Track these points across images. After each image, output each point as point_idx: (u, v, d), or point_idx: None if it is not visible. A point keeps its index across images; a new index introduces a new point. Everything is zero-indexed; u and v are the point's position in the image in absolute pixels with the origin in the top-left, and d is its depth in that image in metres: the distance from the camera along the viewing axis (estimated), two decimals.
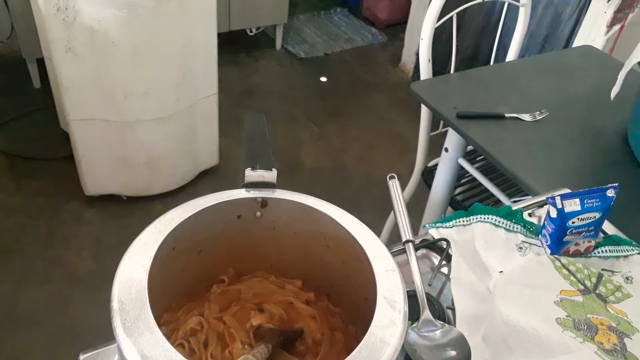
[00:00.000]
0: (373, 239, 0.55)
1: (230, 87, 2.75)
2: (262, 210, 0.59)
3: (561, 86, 1.41)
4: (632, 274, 0.73)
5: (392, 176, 0.77)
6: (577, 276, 0.70)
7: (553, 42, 2.22)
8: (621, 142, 1.21)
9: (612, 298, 0.68)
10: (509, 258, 0.75)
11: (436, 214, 1.54)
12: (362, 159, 2.50)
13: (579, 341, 0.58)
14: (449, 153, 1.42)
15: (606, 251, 0.78)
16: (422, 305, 0.65)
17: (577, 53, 1.67)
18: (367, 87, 3.02)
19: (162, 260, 0.51)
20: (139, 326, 0.43)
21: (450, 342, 0.60)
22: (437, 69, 1.53)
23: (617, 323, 0.63)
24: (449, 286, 0.72)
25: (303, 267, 0.64)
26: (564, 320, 0.61)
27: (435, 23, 1.42)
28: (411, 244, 0.71)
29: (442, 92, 1.35)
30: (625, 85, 1.14)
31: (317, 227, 0.59)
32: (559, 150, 1.18)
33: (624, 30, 1.90)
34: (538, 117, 1.26)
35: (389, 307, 0.49)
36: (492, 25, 2.49)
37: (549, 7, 2.19)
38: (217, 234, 0.59)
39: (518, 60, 1.67)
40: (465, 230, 0.80)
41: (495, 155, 1.13)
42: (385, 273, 0.52)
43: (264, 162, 0.59)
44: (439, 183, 1.50)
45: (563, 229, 0.73)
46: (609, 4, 1.85)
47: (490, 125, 1.22)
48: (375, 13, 3.59)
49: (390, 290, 0.50)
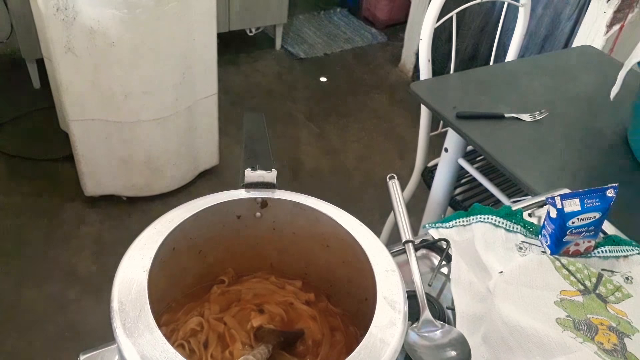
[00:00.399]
0: (373, 239, 0.55)
1: (230, 88, 2.75)
2: (261, 210, 0.59)
3: (561, 86, 1.42)
4: (632, 274, 0.73)
5: (391, 176, 0.77)
6: (577, 276, 0.70)
7: (552, 42, 2.22)
8: (621, 142, 1.21)
9: (612, 298, 0.68)
10: (508, 258, 0.75)
11: (436, 214, 1.54)
12: (361, 159, 2.50)
13: (579, 341, 0.58)
14: (449, 153, 1.42)
15: (606, 251, 0.78)
16: (422, 305, 0.65)
17: (577, 53, 1.67)
18: (367, 87, 3.02)
19: (162, 261, 0.51)
20: (138, 327, 0.43)
21: (450, 342, 0.60)
22: (436, 69, 1.53)
23: (617, 323, 0.63)
24: (449, 286, 0.72)
25: (303, 268, 0.64)
26: (564, 320, 0.61)
27: (434, 23, 1.42)
28: (411, 244, 0.71)
29: (441, 92, 1.35)
30: (624, 85, 1.14)
31: (316, 228, 0.59)
32: (559, 151, 1.18)
33: (624, 30, 1.90)
34: (538, 117, 1.26)
35: (389, 307, 0.49)
36: (491, 25, 2.49)
37: (548, 7, 2.19)
38: (217, 234, 0.59)
39: (518, 60, 1.67)
40: (465, 231, 0.80)
41: (495, 155, 1.13)
42: (385, 273, 0.52)
43: (263, 162, 0.59)
44: (438, 183, 1.50)
45: (563, 229, 0.73)
46: (609, 4, 1.85)
47: (490, 125, 1.22)
48: (374, 13, 3.59)
49: (390, 291, 0.50)
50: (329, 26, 3.53)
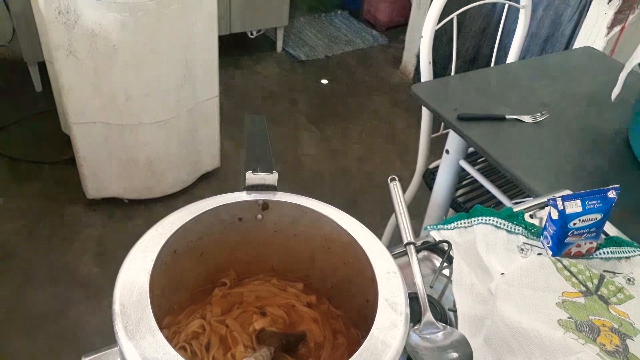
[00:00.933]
0: (374, 241, 0.55)
1: (231, 90, 2.76)
2: (263, 212, 0.59)
3: (562, 88, 1.41)
4: (634, 276, 0.73)
5: (393, 178, 0.77)
6: (579, 278, 0.70)
7: (553, 44, 2.22)
8: (622, 143, 1.21)
9: (614, 299, 0.68)
10: (510, 260, 0.75)
11: (437, 216, 1.54)
12: (363, 161, 2.50)
13: (581, 343, 0.58)
14: (450, 155, 1.42)
15: (608, 252, 0.78)
16: (423, 307, 0.65)
17: (578, 54, 1.67)
18: (368, 89, 3.02)
19: (163, 263, 0.51)
20: (140, 329, 0.43)
21: (452, 344, 0.60)
22: (437, 71, 1.53)
23: (619, 324, 0.63)
24: (450, 288, 0.72)
25: (304, 270, 0.64)
26: (566, 321, 0.61)
27: (435, 25, 1.42)
28: (412, 246, 0.71)
29: (442, 94, 1.35)
30: (626, 86, 1.14)
31: (318, 230, 0.59)
32: (560, 152, 1.17)
33: (625, 31, 1.90)
34: (539, 119, 1.26)
35: (391, 309, 0.49)
36: (492, 27, 2.49)
37: (549, 9, 2.19)
38: (219, 236, 0.59)
39: (519, 62, 1.67)
40: (467, 232, 0.80)
41: (496, 156, 1.13)
42: (387, 275, 0.52)
43: (265, 164, 0.59)
44: (440, 185, 1.50)
45: (564, 231, 0.73)
46: (610, 5, 1.85)
47: (491, 126, 1.22)
48: (375, 15, 3.59)
49: (391, 293, 0.50)
50: (330, 28, 3.54)
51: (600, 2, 1.88)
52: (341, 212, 0.58)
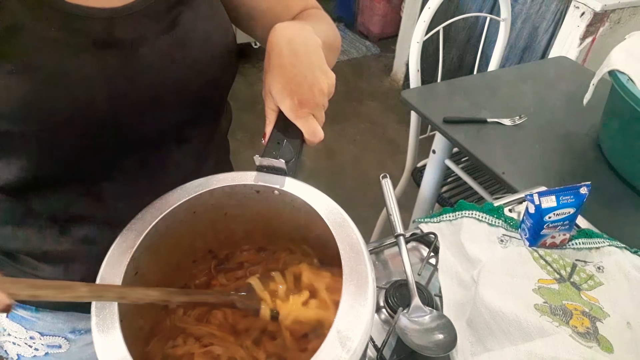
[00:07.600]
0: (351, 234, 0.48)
1: (237, 95, 2.75)
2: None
3: (538, 93, 1.42)
4: (603, 264, 0.73)
5: (384, 176, 0.77)
6: (553, 266, 0.70)
7: (531, 53, 2.22)
8: (593, 144, 1.21)
9: (585, 286, 0.68)
10: (491, 250, 0.75)
11: (425, 210, 1.54)
12: (357, 160, 2.50)
13: (555, 325, 0.58)
14: (437, 154, 1.42)
15: (580, 243, 0.78)
16: (412, 293, 0.65)
17: (553, 63, 1.67)
18: (362, 94, 3.02)
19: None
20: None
21: (438, 326, 0.60)
22: (425, 78, 1.53)
23: (590, 308, 0.63)
24: (436, 276, 0.73)
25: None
26: (542, 306, 0.62)
27: (423, 36, 1.42)
28: (402, 237, 0.71)
29: (430, 99, 1.35)
30: (596, 92, 1.14)
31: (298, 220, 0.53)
32: (537, 152, 1.18)
33: (595, 42, 1.91)
34: (517, 122, 1.26)
35: (339, 344, 0.36)
36: (475, 38, 2.49)
37: (527, 22, 2.19)
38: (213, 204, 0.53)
39: (499, 70, 1.67)
40: (452, 225, 0.80)
41: (478, 156, 1.13)
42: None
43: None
44: (427, 182, 1.50)
45: (540, 223, 0.74)
46: (582, 18, 1.85)
47: (474, 129, 1.23)
48: (369, 27, 3.59)
49: (349, 325, 0.37)
50: None
51: (574, 16, 1.89)
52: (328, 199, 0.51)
